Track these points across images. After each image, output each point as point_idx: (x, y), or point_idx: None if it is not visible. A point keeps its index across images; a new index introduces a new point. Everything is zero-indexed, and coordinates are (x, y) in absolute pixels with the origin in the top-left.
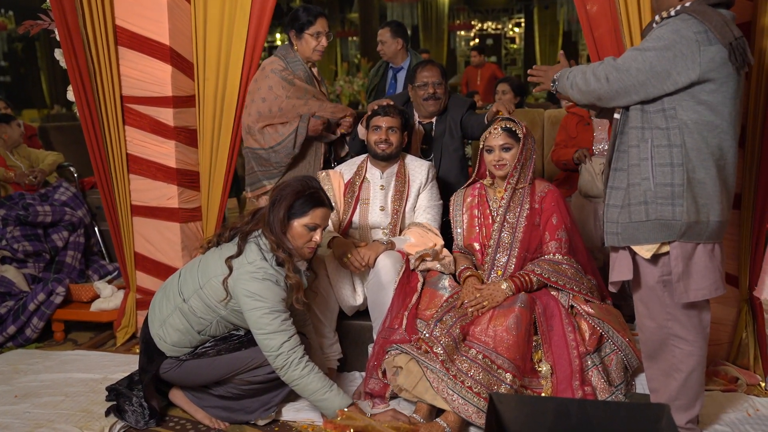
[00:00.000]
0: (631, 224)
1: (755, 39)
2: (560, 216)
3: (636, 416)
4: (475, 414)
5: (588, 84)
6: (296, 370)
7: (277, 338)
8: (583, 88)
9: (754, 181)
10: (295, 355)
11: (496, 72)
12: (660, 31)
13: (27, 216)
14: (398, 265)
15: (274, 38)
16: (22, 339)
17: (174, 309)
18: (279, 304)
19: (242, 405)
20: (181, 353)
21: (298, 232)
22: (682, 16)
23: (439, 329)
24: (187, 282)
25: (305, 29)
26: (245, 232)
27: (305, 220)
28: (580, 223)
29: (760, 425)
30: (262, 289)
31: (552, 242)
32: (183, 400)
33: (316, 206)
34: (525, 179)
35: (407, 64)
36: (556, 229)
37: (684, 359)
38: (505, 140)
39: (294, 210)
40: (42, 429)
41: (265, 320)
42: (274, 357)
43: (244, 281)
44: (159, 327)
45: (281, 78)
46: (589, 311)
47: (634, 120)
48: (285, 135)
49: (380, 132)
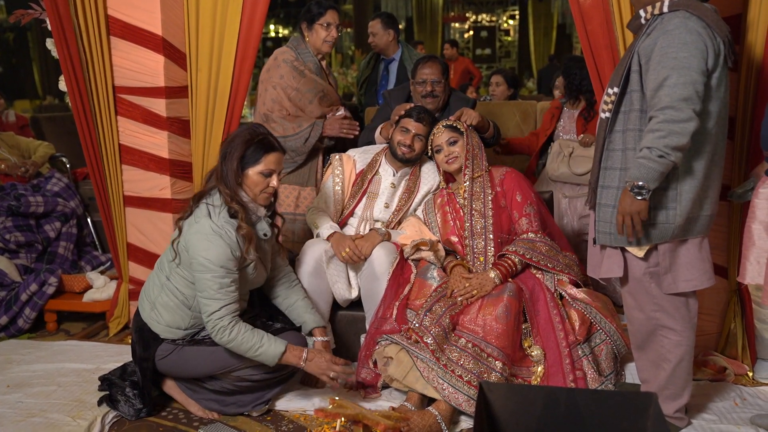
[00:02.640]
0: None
1: (746, 32)
2: (523, 192)
3: (624, 405)
4: (466, 402)
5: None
6: (224, 336)
7: (213, 304)
8: (679, 143)
9: (743, 173)
10: (222, 322)
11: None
12: (673, 38)
13: (19, 207)
14: (392, 257)
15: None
16: (15, 329)
17: (161, 288)
18: (228, 262)
19: (236, 399)
20: (177, 335)
21: (253, 180)
22: (683, 14)
23: (429, 319)
24: (165, 258)
25: (316, 20)
26: (200, 193)
27: (259, 168)
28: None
29: (748, 414)
30: (209, 247)
31: (522, 219)
32: (176, 391)
33: (268, 152)
34: (480, 168)
35: (398, 55)
36: (522, 206)
37: (672, 349)
38: (449, 135)
39: (246, 159)
40: (34, 418)
41: (208, 283)
42: (206, 321)
43: (193, 241)
44: (150, 310)
45: (292, 68)
46: (576, 295)
47: (633, 122)
48: (303, 127)
49: (407, 135)
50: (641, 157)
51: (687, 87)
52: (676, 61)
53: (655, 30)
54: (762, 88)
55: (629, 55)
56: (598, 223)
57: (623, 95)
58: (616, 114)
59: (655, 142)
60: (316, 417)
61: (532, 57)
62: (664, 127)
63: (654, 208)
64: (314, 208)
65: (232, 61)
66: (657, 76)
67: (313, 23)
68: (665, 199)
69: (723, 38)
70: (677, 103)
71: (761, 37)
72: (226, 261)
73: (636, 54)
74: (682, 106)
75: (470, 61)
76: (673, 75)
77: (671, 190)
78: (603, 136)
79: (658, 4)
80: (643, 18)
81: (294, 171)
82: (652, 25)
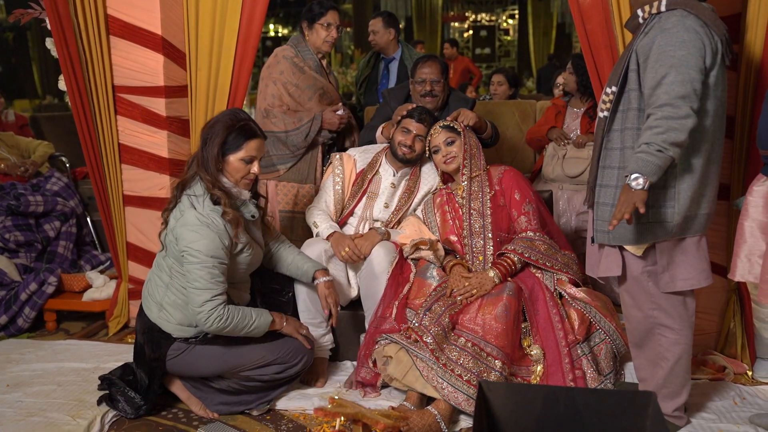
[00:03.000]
0: (623, 225)
1: (745, 31)
2: (521, 191)
3: (623, 404)
4: (465, 401)
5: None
6: (220, 324)
7: (204, 294)
8: (677, 140)
9: (743, 172)
10: (215, 312)
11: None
12: (671, 36)
13: (18, 206)
14: (391, 256)
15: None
16: (14, 329)
17: (166, 288)
18: (218, 251)
19: (240, 399)
20: (189, 333)
21: (234, 167)
22: (681, 13)
23: (428, 318)
24: (162, 256)
25: (317, 20)
26: (183, 181)
27: (240, 154)
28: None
29: (747, 413)
30: (198, 238)
31: (521, 217)
32: (180, 389)
33: (249, 138)
34: (478, 167)
35: (399, 54)
36: (520, 204)
37: (670, 347)
38: (447, 135)
39: (228, 145)
40: (34, 418)
41: (199, 273)
42: (197, 311)
43: (181, 233)
44: (159, 311)
45: (292, 64)
46: (575, 295)
47: (631, 121)
48: (303, 122)
49: (408, 136)
50: (640, 151)
51: (685, 85)
52: (674, 59)
53: (652, 29)
54: (761, 87)
55: (627, 55)
56: (597, 221)
57: (621, 94)
58: (614, 113)
59: (653, 138)
60: (315, 416)
61: (532, 56)
62: (662, 124)
63: (653, 206)
64: (314, 207)
65: (232, 61)
66: (655, 74)
67: (314, 23)
68: (664, 198)
69: (720, 36)
70: (675, 100)
71: (760, 37)
72: (216, 250)
73: (634, 53)
74: (680, 103)
75: (470, 61)
76: (671, 73)
77: (670, 188)
78: (601, 135)
79: (656, 3)
80: (640, 17)
81: (292, 168)
82: (650, 24)
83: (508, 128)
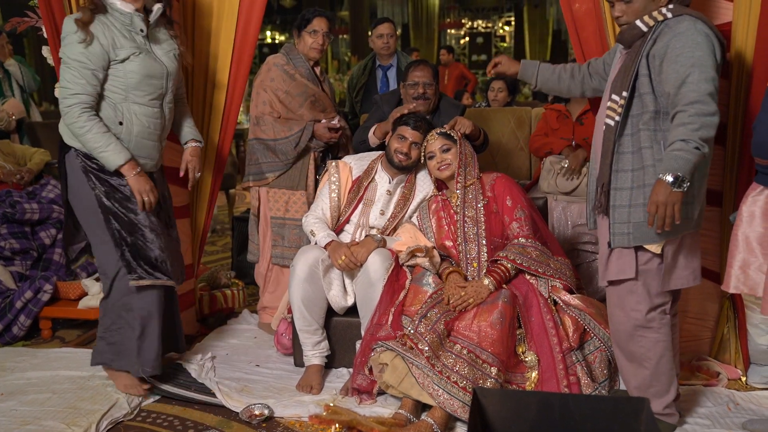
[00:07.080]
0: (644, 223)
1: (735, 40)
2: (513, 197)
3: (617, 410)
4: (461, 409)
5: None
6: (76, 124)
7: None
8: (709, 135)
9: (735, 178)
10: (74, 110)
11: (463, 71)
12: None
13: (14, 214)
14: (387, 263)
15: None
16: (9, 337)
17: None
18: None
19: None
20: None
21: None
22: (689, 18)
23: (424, 325)
24: None
25: (303, 28)
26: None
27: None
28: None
29: (741, 419)
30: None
31: (513, 223)
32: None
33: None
34: (472, 176)
35: (395, 62)
36: (512, 210)
37: (651, 347)
38: (443, 142)
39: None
40: (29, 426)
41: (63, 74)
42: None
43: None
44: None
45: (282, 71)
46: (570, 302)
47: (645, 123)
48: (293, 131)
49: (404, 143)
50: (677, 149)
51: (708, 83)
52: (693, 59)
53: (663, 34)
54: (753, 94)
55: (634, 62)
56: (614, 225)
57: (632, 99)
58: (625, 118)
59: (690, 135)
60: (311, 423)
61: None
62: (696, 120)
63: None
64: (310, 216)
65: (227, 69)
66: (677, 74)
67: (302, 30)
68: (691, 194)
69: (721, 42)
70: (704, 97)
71: (750, 45)
72: (79, 55)
73: (644, 58)
74: (709, 100)
75: (464, 66)
76: (694, 71)
77: (695, 183)
78: (612, 140)
79: (662, 11)
80: (644, 26)
81: (283, 174)
82: (657, 30)
83: (504, 135)
